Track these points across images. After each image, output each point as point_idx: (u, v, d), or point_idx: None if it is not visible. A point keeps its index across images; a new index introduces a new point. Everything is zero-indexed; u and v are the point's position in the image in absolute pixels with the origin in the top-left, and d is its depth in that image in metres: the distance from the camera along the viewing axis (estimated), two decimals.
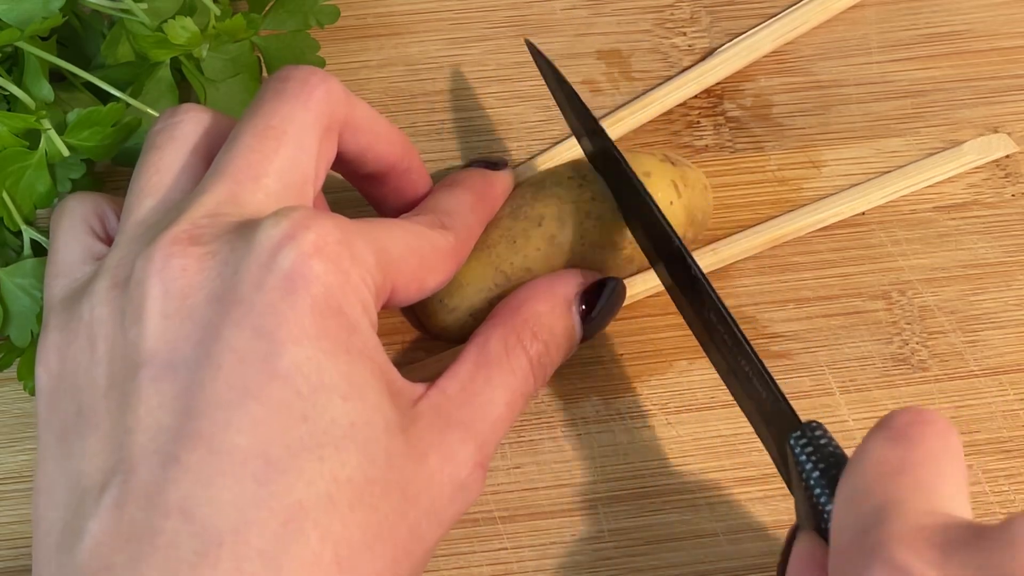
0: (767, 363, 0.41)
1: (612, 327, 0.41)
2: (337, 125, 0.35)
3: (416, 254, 0.34)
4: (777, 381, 0.34)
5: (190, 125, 0.35)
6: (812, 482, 0.32)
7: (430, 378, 0.35)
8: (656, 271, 0.39)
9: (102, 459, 0.30)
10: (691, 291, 0.36)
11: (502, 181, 0.40)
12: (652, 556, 0.38)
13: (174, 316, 0.30)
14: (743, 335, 0.34)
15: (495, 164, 0.41)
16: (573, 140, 0.45)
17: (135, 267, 0.31)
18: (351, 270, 0.31)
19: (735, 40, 0.47)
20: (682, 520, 0.39)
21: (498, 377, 0.35)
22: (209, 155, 0.35)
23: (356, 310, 0.31)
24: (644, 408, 0.40)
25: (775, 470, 0.35)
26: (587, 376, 0.41)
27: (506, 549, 0.38)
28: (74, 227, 0.35)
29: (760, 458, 0.39)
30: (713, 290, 0.35)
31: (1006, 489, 0.39)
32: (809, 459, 0.32)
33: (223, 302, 0.30)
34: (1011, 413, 0.40)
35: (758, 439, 0.36)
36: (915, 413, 0.30)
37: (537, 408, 0.40)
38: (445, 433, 0.33)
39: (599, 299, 0.38)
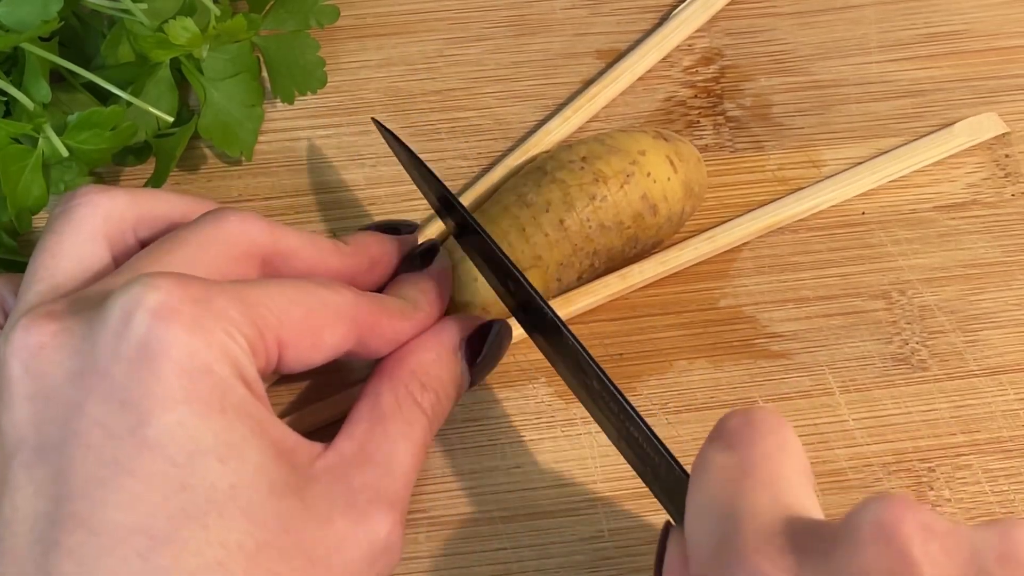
0: (767, 363, 0.41)
1: (612, 327, 0.41)
2: (258, 251, 0.34)
3: (300, 306, 0.33)
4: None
5: (86, 208, 0.34)
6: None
7: (324, 422, 0.33)
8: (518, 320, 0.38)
9: None
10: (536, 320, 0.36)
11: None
12: (652, 556, 0.38)
13: (36, 397, 0.30)
14: (583, 347, 0.34)
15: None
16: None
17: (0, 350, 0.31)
18: (213, 328, 0.30)
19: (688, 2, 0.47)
20: None
21: (395, 431, 0.34)
22: (107, 237, 0.34)
23: (225, 368, 0.30)
24: (644, 408, 0.40)
25: None
26: None
27: (506, 549, 0.38)
28: None
29: None
30: (566, 327, 0.35)
31: (1006, 489, 0.39)
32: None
33: (83, 377, 0.29)
34: (1011, 413, 0.40)
35: None
36: (743, 415, 0.31)
37: (537, 408, 0.40)
38: (351, 495, 0.32)
39: (483, 344, 0.38)
